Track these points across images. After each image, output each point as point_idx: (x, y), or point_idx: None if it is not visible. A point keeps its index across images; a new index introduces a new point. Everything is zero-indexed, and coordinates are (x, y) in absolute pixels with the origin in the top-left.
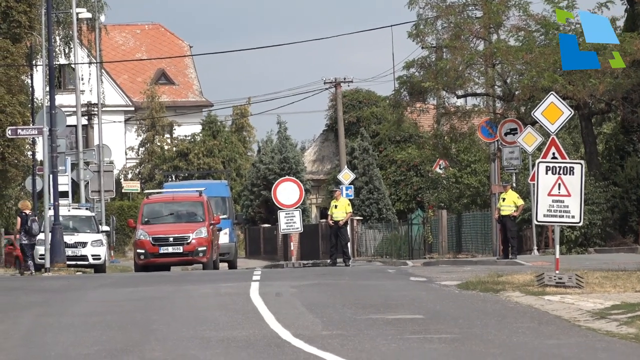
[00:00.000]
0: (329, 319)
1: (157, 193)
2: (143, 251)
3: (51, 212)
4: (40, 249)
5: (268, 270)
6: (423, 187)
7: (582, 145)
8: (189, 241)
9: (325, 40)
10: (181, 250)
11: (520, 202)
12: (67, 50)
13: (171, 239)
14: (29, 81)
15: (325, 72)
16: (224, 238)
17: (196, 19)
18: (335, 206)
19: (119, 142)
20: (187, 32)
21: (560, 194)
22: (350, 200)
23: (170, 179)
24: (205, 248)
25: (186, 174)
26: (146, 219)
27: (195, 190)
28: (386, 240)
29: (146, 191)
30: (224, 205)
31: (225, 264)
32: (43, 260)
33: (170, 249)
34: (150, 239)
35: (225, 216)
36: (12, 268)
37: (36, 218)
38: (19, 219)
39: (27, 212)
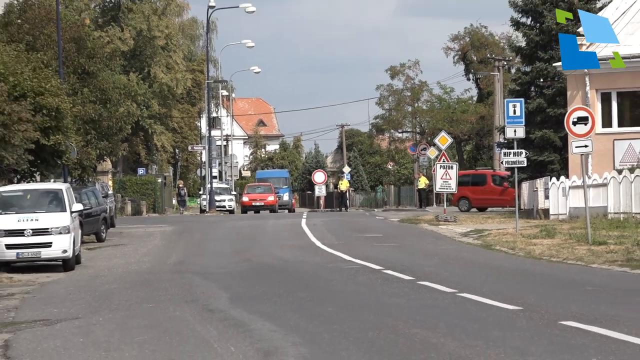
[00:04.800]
0: (339, 236)
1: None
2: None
3: (209, 186)
4: (203, 202)
5: (310, 213)
6: (382, 175)
7: (456, 156)
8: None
9: (338, 105)
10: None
11: (427, 181)
12: (216, 109)
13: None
14: (198, 124)
15: (336, 120)
16: (286, 197)
17: (278, 92)
18: (341, 183)
19: (240, 153)
20: (272, 98)
21: (447, 178)
22: (348, 180)
23: (264, 169)
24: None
25: (272, 168)
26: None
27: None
28: (365, 200)
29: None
30: (287, 181)
31: (286, 210)
32: (206, 207)
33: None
34: None
35: (286, 187)
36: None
37: (185, 188)
38: (177, 188)
39: (181, 185)
